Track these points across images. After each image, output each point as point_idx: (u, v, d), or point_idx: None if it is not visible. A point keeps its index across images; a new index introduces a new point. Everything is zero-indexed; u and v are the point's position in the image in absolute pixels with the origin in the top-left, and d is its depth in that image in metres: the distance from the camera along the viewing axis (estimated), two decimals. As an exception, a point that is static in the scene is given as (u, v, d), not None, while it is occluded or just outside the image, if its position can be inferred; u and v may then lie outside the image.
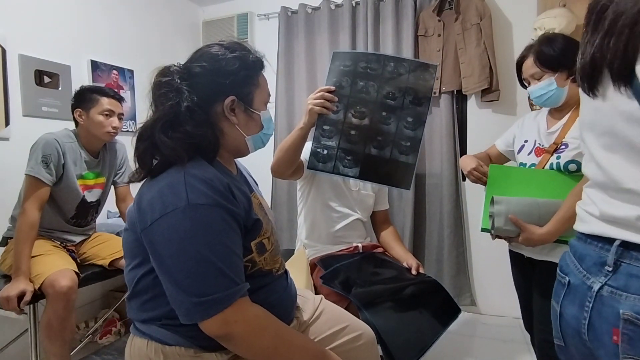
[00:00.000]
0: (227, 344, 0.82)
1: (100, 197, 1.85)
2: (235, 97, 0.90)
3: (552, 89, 1.28)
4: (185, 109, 0.84)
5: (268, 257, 0.94)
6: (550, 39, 1.31)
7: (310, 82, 2.81)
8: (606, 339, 0.60)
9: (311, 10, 2.80)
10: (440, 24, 2.43)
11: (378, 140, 1.35)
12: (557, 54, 1.27)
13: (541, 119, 1.42)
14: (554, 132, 1.34)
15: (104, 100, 1.72)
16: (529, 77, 1.33)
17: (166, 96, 0.86)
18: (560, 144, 1.29)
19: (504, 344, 2.05)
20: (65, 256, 1.68)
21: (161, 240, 0.79)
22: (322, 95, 1.33)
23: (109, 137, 1.76)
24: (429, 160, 2.59)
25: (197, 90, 0.86)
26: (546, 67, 1.28)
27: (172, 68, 0.89)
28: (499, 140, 1.55)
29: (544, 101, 1.32)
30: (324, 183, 1.69)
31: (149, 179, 0.88)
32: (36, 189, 1.58)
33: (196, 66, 0.88)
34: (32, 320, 1.57)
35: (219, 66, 0.88)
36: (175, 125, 0.84)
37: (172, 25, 2.96)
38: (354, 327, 1.14)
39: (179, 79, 0.87)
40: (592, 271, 0.64)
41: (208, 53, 0.90)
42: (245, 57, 0.91)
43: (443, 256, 2.52)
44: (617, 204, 0.61)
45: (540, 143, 1.37)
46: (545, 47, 1.28)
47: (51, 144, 1.62)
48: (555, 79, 1.27)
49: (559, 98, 1.30)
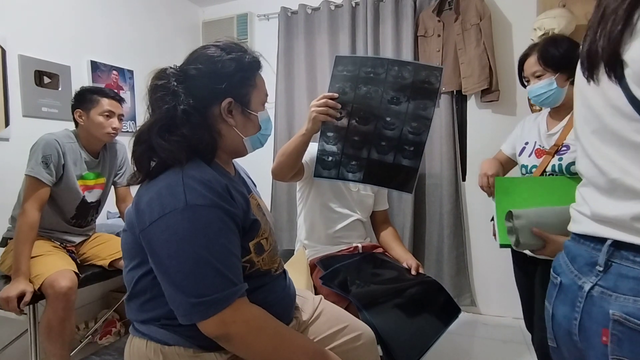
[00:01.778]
0: (225, 345, 0.82)
1: (100, 197, 1.85)
2: (232, 99, 0.89)
3: (552, 89, 1.29)
4: (181, 112, 0.84)
5: (266, 257, 0.94)
6: (556, 40, 1.32)
7: (310, 82, 2.81)
8: (596, 340, 0.60)
9: (311, 11, 2.81)
10: (440, 25, 2.43)
11: (382, 146, 1.34)
12: (560, 55, 1.28)
13: (541, 120, 1.43)
14: (555, 133, 1.34)
15: (104, 101, 1.72)
16: (530, 75, 1.34)
17: (162, 99, 0.86)
18: (562, 146, 1.30)
19: (503, 344, 2.04)
20: (65, 257, 1.68)
21: (159, 241, 0.79)
22: (326, 102, 1.31)
23: (109, 137, 1.76)
24: (428, 160, 2.59)
25: (193, 93, 0.86)
26: (548, 67, 1.29)
27: (168, 71, 0.89)
28: (505, 145, 1.55)
29: (543, 100, 1.33)
30: (323, 184, 1.69)
31: (147, 181, 0.88)
32: (36, 189, 1.58)
33: (192, 68, 0.88)
34: (31, 321, 1.57)
35: (215, 68, 0.87)
36: (172, 129, 0.84)
37: (172, 26, 2.96)
38: (353, 327, 1.14)
39: (175, 82, 0.86)
40: (583, 271, 0.64)
41: (204, 55, 0.89)
42: (242, 58, 0.90)
43: (443, 256, 2.52)
44: (608, 203, 0.61)
45: (540, 144, 1.38)
46: (551, 46, 1.30)
47: (51, 145, 1.62)
48: (556, 79, 1.28)
49: (558, 98, 1.31)
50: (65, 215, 1.76)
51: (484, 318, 2.49)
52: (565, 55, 1.27)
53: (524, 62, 1.38)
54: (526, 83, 1.38)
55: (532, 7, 2.21)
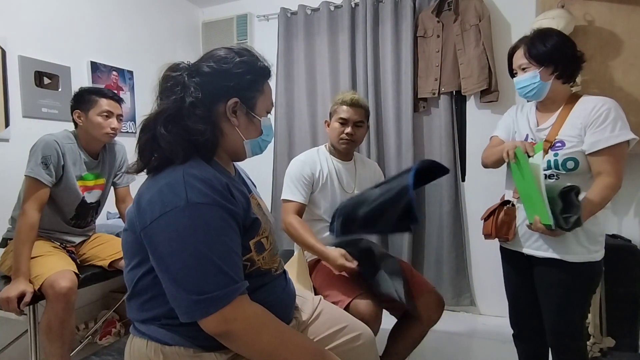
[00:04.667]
0: (226, 342, 0.83)
1: (99, 198, 1.86)
2: (239, 100, 0.91)
3: (535, 82, 1.31)
4: (189, 104, 0.86)
5: (267, 256, 0.95)
6: (544, 34, 1.33)
7: (310, 83, 2.82)
8: None
9: (310, 12, 2.81)
10: (439, 25, 2.44)
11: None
12: (547, 49, 1.29)
13: (529, 112, 1.44)
14: (545, 129, 1.36)
15: (102, 102, 1.72)
16: (517, 67, 1.36)
17: (172, 90, 0.88)
18: (555, 141, 1.31)
19: (503, 344, 2.04)
20: (65, 257, 1.68)
21: (161, 239, 0.79)
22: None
23: (107, 138, 1.76)
24: (428, 161, 2.60)
25: (202, 87, 0.88)
26: (533, 60, 1.31)
27: (182, 65, 0.92)
28: (499, 131, 1.52)
29: (527, 93, 1.35)
30: (317, 200, 1.70)
31: (148, 179, 0.89)
32: (36, 190, 1.58)
33: (205, 65, 0.90)
34: (31, 322, 1.56)
35: (227, 68, 0.90)
36: (177, 119, 0.86)
37: (172, 26, 2.96)
38: (352, 328, 1.14)
39: (187, 75, 0.89)
40: None
41: (217, 55, 0.92)
42: (253, 62, 0.93)
43: (442, 257, 2.52)
44: None
45: (532, 138, 1.39)
46: (538, 40, 1.31)
47: (51, 145, 1.62)
48: (540, 72, 1.30)
49: (542, 92, 1.33)
50: (65, 215, 1.76)
51: (484, 318, 2.49)
52: (553, 50, 1.29)
53: (513, 55, 1.40)
54: (515, 75, 1.40)
55: (531, 7, 2.21)
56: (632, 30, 1.83)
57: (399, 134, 2.59)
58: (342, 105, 1.68)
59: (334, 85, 2.74)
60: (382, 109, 2.63)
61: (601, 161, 1.25)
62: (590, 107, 1.27)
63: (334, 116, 1.72)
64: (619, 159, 1.25)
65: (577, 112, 1.30)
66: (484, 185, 2.37)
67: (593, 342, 1.90)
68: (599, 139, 1.24)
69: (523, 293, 1.46)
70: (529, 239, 1.37)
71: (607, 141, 1.23)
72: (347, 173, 1.76)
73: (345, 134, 1.67)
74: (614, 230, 2.14)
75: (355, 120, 1.67)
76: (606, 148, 1.23)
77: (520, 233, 1.39)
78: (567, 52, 1.30)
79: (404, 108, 2.55)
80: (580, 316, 1.36)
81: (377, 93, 2.63)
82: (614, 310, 1.93)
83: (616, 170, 1.24)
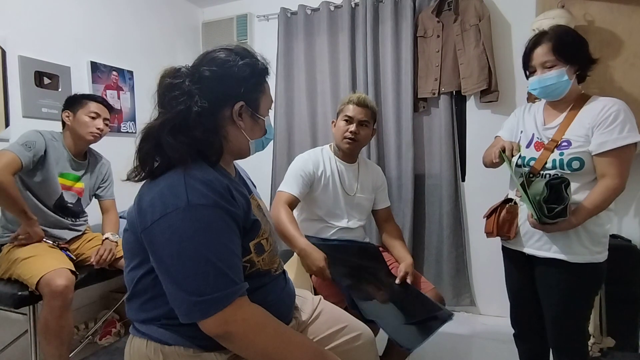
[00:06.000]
0: (226, 343, 0.83)
1: (77, 202, 1.86)
2: (244, 103, 0.91)
3: (562, 80, 1.26)
4: (195, 114, 0.84)
5: (267, 257, 0.95)
6: (567, 32, 1.30)
7: (310, 82, 2.82)
8: None
9: (310, 12, 2.81)
10: (439, 25, 2.44)
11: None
12: (575, 47, 1.26)
13: (537, 112, 1.41)
14: (552, 127, 1.33)
15: (92, 104, 1.80)
16: (539, 64, 1.29)
17: (176, 99, 0.85)
18: (561, 141, 1.29)
19: (503, 344, 2.04)
20: (60, 256, 1.68)
21: (161, 240, 0.79)
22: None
23: (92, 137, 1.79)
24: (428, 161, 2.60)
25: (207, 94, 0.86)
26: (562, 57, 1.25)
27: (182, 70, 0.89)
28: (503, 132, 1.51)
29: (550, 92, 1.30)
30: (318, 201, 1.70)
31: (148, 181, 0.88)
32: (9, 159, 1.55)
33: (206, 70, 0.88)
34: (31, 322, 1.57)
35: (232, 72, 0.88)
36: (184, 129, 0.85)
37: (172, 27, 2.96)
38: (352, 327, 1.14)
39: (190, 82, 0.86)
40: None
41: (218, 58, 0.90)
42: (255, 64, 0.93)
43: (442, 256, 2.52)
44: None
45: (538, 137, 1.36)
46: (565, 36, 1.27)
47: (37, 134, 1.69)
48: (567, 70, 1.26)
49: (564, 90, 1.29)
50: (47, 203, 1.76)
51: (484, 318, 2.49)
52: (579, 47, 1.26)
53: (532, 52, 1.31)
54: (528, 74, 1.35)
55: (531, 7, 2.21)
56: (632, 30, 1.82)
57: (399, 134, 2.59)
58: (349, 104, 1.68)
59: (333, 85, 2.74)
60: (382, 109, 2.63)
61: (607, 162, 1.23)
62: (600, 107, 1.25)
63: (340, 115, 1.72)
64: (625, 161, 1.23)
65: (585, 112, 1.28)
66: (484, 185, 2.37)
67: (593, 342, 1.90)
68: (606, 139, 1.22)
69: (524, 293, 1.46)
70: (530, 238, 1.36)
71: (614, 142, 1.21)
72: (350, 175, 1.75)
73: (349, 132, 1.66)
74: (614, 230, 2.14)
75: (360, 119, 1.66)
76: (613, 150, 1.21)
77: (522, 232, 1.38)
78: (587, 50, 1.29)
79: (404, 108, 2.55)
80: (581, 317, 1.36)
81: (377, 93, 2.63)
82: (614, 310, 1.93)
83: (621, 173, 1.22)
